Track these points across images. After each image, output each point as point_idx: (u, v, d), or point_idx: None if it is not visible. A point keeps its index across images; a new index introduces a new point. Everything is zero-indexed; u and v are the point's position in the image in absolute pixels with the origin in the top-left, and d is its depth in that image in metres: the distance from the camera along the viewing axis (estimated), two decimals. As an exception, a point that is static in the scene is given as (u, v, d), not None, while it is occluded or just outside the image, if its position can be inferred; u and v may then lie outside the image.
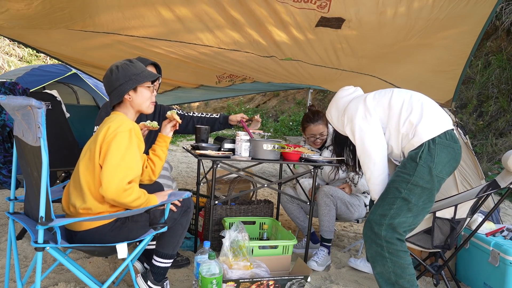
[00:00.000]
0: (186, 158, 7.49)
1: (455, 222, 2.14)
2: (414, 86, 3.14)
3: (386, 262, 1.86)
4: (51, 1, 2.33)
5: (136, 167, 1.74)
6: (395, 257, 1.85)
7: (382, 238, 1.86)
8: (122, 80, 1.82)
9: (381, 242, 1.86)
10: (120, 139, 1.69)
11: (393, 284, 1.87)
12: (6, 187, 4.18)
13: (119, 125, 1.73)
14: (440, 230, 2.13)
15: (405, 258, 1.87)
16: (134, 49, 3.06)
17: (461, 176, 3.60)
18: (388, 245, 1.85)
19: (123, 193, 1.65)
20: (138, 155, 1.77)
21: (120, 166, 1.66)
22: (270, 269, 2.25)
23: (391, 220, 1.86)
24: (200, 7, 2.41)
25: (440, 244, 2.16)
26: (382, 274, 1.89)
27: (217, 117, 2.82)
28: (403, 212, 1.86)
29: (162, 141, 2.12)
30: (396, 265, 1.85)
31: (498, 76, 7.60)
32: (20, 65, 11.54)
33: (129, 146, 1.71)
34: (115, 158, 1.66)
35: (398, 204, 1.87)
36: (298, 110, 12.43)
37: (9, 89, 4.04)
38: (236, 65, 3.37)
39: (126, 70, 1.84)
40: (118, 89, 1.83)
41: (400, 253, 1.86)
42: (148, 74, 1.89)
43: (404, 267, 1.85)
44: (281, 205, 3.08)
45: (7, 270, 1.89)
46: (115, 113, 1.88)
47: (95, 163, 1.70)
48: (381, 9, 2.18)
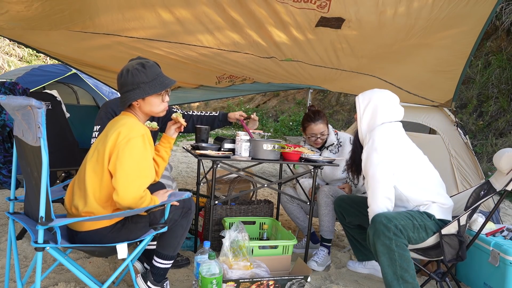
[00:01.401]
0: (186, 158, 7.49)
1: (461, 235, 2.15)
2: (414, 86, 3.15)
3: (394, 255, 1.94)
4: (51, 3, 2.33)
5: (151, 174, 1.74)
6: (402, 250, 1.95)
7: (391, 231, 1.95)
8: (130, 86, 1.76)
9: (390, 235, 1.95)
10: (133, 145, 1.66)
11: (398, 279, 1.94)
12: (6, 187, 4.18)
13: (131, 130, 1.69)
14: (450, 246, 2.13)
15: (409, 252, 1.99)
16: (134, 50, 3.05)
17: (461, 176, 3.61)
18: (396, 238, 1.94)
19: (139, 201, 1.67)
20: (151, 161, 1.78)
21: (136, 174, 1.66)
22: (270, 269, 2.25)
23: (397, 222, 1.99)
24: (199, 8, 2.41)
25: (453, 258, 2.15)
26: (390, 268, 1.96)
27: (216, 115, 2.82)
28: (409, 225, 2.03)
29: (166, 142, 2.11)
30: (402, 258, 1.94)
31: (498, 76, 7.61)
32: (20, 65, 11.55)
33: (144, 152, 1.70)
34: (131, 166, 1.65)
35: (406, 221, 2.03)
36: (298, 110, 12.44)
37: (9, 89, 4.04)
38: (236, 66, 3.37)
39: (136, 77, 1.75)
40: (125, 95, 1.79)
41: (405, 247, 1.97)
42: (158, 84, 1.79)
43: (409, 261, 1.96)
44: (281, 205, 3.08)
45: (7, 270, 1.89)
46: (126, 114, 1.85)
47: (103, 168, 1.68)
48: (381, 9, 2.18)
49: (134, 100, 1.78)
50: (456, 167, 3.59)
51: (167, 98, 1.89)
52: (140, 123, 1.80)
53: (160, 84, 1.81)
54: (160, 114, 1.90)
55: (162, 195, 1.88)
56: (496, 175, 2.27)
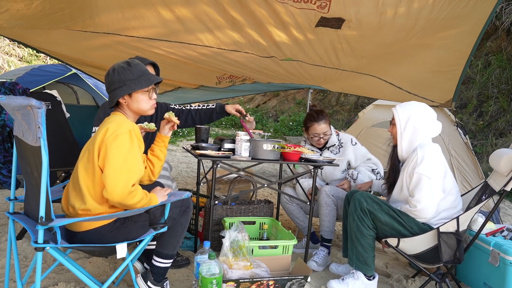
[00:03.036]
0: (186, 158, 7.49)
1: (460, 234, 2.15)
2: (414, 86, 3.15)
3: (354, 221, 2.27)
4: (51, 1, 2.33)
5: (138, 169, 1.74)
6: (361, 223, 2.26)
7: (364, 207, 2.24)
8: (117, 84, 1.79)
9: (357, 208, 2.26)
10: (120, 141, 1.68)
11: (352, 241, 2.30)
12: (6, 187, 4.18)
13: (118, 126, 1.71)
14: (447, 245, 2.14)
15: (368, 234, 2.26)
16: (134, 50, 3.06)
17: (461, 176, 3.61)
18: (360, 213, 2.25)
19: (128, 196, 1.66)
20: (140, 156, 1.77)
21: (124, 169, 1.66)
22: (270, 269, 2.25)
23: (373, 211, 2.24)
24: (200, 7, 2.41)
25: (450, 259, 2.17)
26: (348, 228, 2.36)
27: (214, 107, 2.78)
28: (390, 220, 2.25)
29: (161, 141, 2.11)
30: (358, 229, 2.26)
31: (498, 76, 7.61)
32: (20, 65, 11.55)
33: (131, 148, 1.70)
34: (118, 161, 1.65)
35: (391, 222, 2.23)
36: (298, 110, 12.44)
37: (9, 89, 4.04)
38: (236, 66, 3.36)
39: (122, 74, 1.79)
40: (112, 93, 1.82)
41: (364, 230, 2.26)
42: (144, 80, 1.82)
43: (364, 236, 2.26)
44: (281, 205, 3.08)
45: (7, 270, 1.89)
46: (115, 113, 1.87)
47: (94, 165, 1.70)
48: (381, 9, 2.18)
49: (121, 96, 1.80)
50: (456, 167, 3.59)
51: (155, 96, 1.91)
52: (128, 120, 1.81)
53: (146, 80, 1.83)
54: (148, 112, 1.90)
55: (161, 194, 1.88)
56: (493, 176, 2.27)
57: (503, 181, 2.15)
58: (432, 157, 2.20)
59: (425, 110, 2.32)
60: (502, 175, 2.17)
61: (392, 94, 3.34)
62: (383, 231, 2.26)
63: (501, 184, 2.14)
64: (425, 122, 2.29)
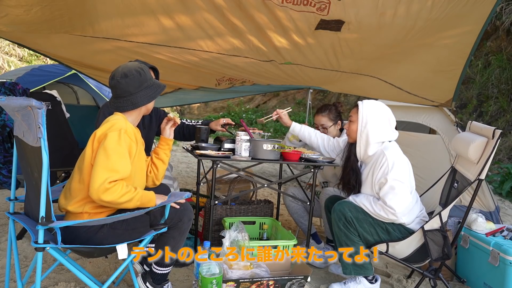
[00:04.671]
0: (186, 158, 7.49)
1: (444, 230, 2.16)
2: (414, 86, 3.15)
3: (341, 230, 2.24)
4: (50, 7, 2.32)
5: (122, 168, 1.69)
6: (348, 232, 2.23)
7: (348, 216, 2.22)
8: (123, 93, 1.82)
9: (341, 218, 2.23)
10: (108, 139, 1.69)
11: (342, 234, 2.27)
12: (6, 187, 4.17)
13: (111, 126, 1.73)
14: (434, 242, 2.14)
15: (358, 240, 2.24)
16: (135, 55, 3.04)
17: (461, 176, 3.60)
18: (345, 223, 2.23)
19: (104, 193, 1.62)
20: (127, 155, 1.74)
21: (104, 167, 1.64)
22: (270, 269, 2.25)
23: (357, 221, 2.23)
24: (200, 14, 2.40)
25: (439, 256, 2.17)
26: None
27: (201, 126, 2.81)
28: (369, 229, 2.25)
29: (165, 144, 2.11)
30: (347, 237, 2.23)
31: (498, 76, 7.61)
32: (20, 65, 11.53)
33: (116, 147, 1.69)
34: (101, 159, 1.66)
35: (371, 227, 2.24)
36: (298, 110, 12.42)
37: (9, 89, 4.03)
38: (235, 70, 3.37)
39: (129, 86, 1.82)
40: (118, 100, 1.84)
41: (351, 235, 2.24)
42: (152, 93, 1.89)
43: (355, 243, 2.23)
44: (285, 204, 3.08)
45: (7, 270, 1.89)
46: (116, 114, 1.88)
47: (85, 160, 1.72)
48: (380, 10, 2.18)
49: (128, 110, 1.86)
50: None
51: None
52: (124, 121, 1.81)
53: (154, 92, 1.90)
54: (149, 111, 2.00)
55: (161, 197, 1.87)
56: (461, 162, 2.25)
57: (475, 169, 2.14)
58: (401, 160, 2.21)
59: (385, 113, 2.31)
60: (472, 162, 2.17)
61: (392, 94, 3.34)
62: (369, 240, 2.25)
63: (474, 173, 2.13)
64: (383, 124, 2.28)
